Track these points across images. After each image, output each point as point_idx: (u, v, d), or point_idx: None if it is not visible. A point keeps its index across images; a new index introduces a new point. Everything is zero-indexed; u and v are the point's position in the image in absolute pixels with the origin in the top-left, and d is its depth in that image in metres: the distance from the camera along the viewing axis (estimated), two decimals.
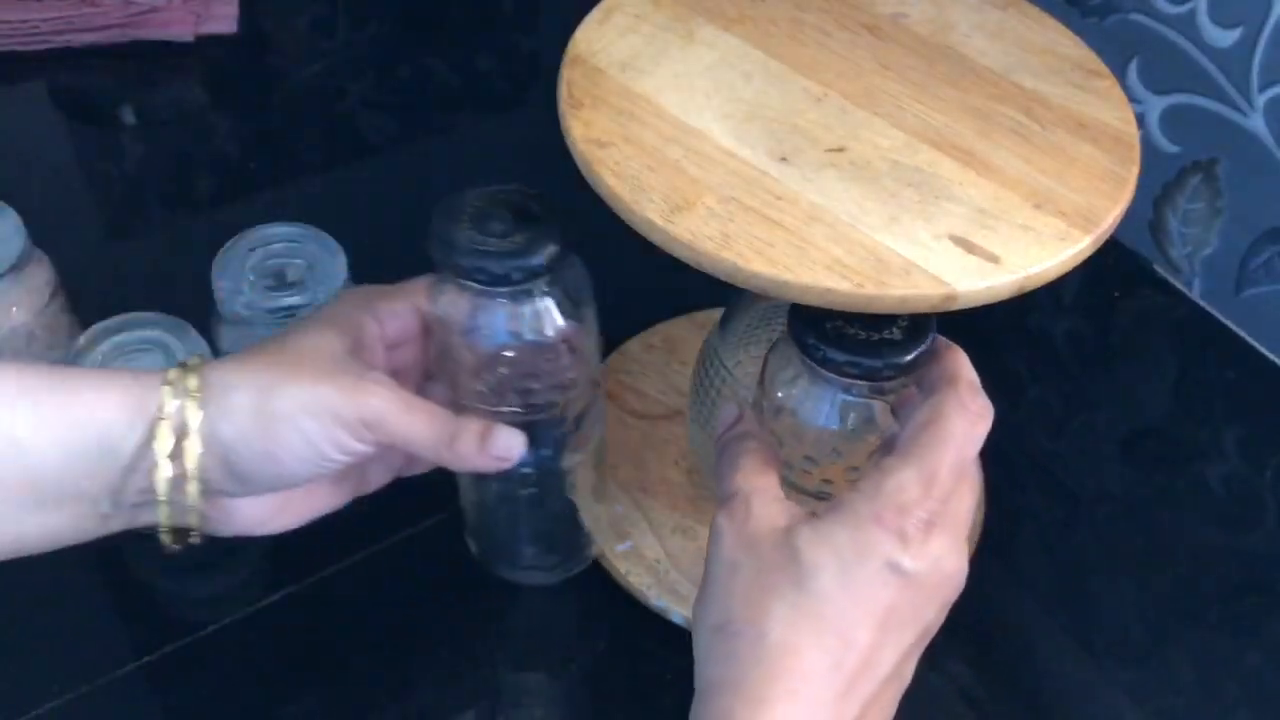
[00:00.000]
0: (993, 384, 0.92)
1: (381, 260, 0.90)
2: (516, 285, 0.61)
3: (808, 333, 0.59)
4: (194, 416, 0.58)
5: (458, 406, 0.65)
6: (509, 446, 0.64)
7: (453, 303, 0.63)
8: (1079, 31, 0.69)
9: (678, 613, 0.76)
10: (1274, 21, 0.85)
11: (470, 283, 0.61)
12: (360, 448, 0.61)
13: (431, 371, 0.69)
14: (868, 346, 0.59)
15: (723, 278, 0.56)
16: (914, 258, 0.55)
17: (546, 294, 0.63)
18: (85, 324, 0.80)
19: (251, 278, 0.80)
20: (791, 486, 0.66)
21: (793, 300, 0.56)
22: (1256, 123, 0.89)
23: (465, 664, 0.76)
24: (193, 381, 0.58)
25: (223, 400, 0.59)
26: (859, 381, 0.60)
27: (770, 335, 0.72)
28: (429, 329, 0.67)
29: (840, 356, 0.59)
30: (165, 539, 0.62)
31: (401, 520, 0.81)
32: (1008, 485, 0.84)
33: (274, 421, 0.59)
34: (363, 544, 0.80)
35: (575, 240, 0.61)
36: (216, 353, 0.80)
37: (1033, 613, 0.80)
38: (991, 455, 0.84)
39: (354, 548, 0.80)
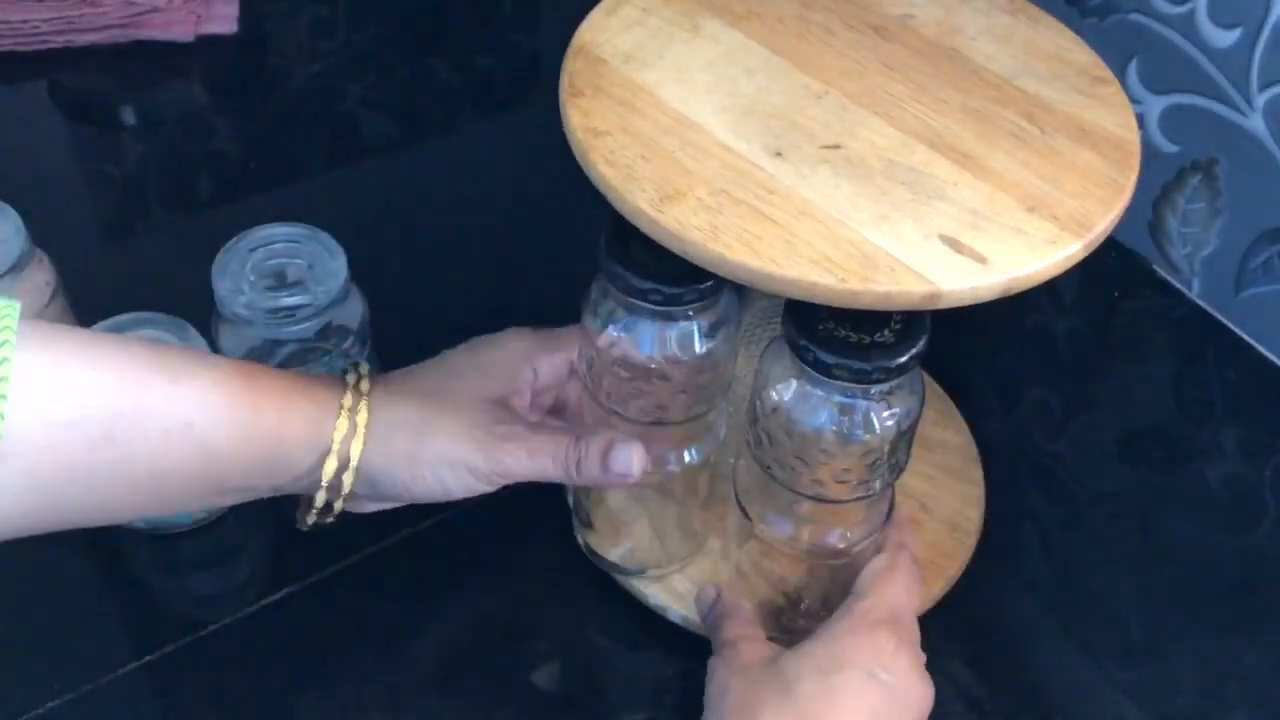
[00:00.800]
0: (993, 384, 0.92)
1: (381, 260, 0.91)
2: (679, 306, 0.63)
3: (799, 334, 0.60)
4: (356, 451, 0.67)
5: (598, 410, 0.70)
6: (628, 463, 0.68)
7: (609, 314, 0.66)
8: (1078, 32, 0.69)
9: (675, 611, 0.76)
10: (1273, 21, 0.85)
11: (641, 302, 0.63)
12: (488, 489, 0.70)
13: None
14: (858, 349, 0.59)
15: (709, 268, 0.57)
16: (901, 255, 0.56)
17: (695, 317, 0.65)
18: (85, 324, 0.80)
19: (251, 278, 0.80)
20: (784, 486, 0.66)
21: (777, 293, 0.56)
22: (1256, 123, 0.88)
23: (464, 663, 0.76)
24: (362, 416, 0.67)
25: (383, 441, 0.68)
26: (848, 384, 0.60)
27: (770, 334, 0.72)
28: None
29: (830, 358, 0.59)
30: (304, 525, 0.71)
31: (401, 520, 0.81)
32: (1008, 485, 0.84)
33: (419, 465, 0.68)
34: (363, 544, 0.80)
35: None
36: (217, 353, 0.80)
37: (1033, 613, 0.80)
38: (991, 455, 0.84)
39: (354, 548, 0.80)
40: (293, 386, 0.67)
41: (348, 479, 0.67)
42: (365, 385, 0.69)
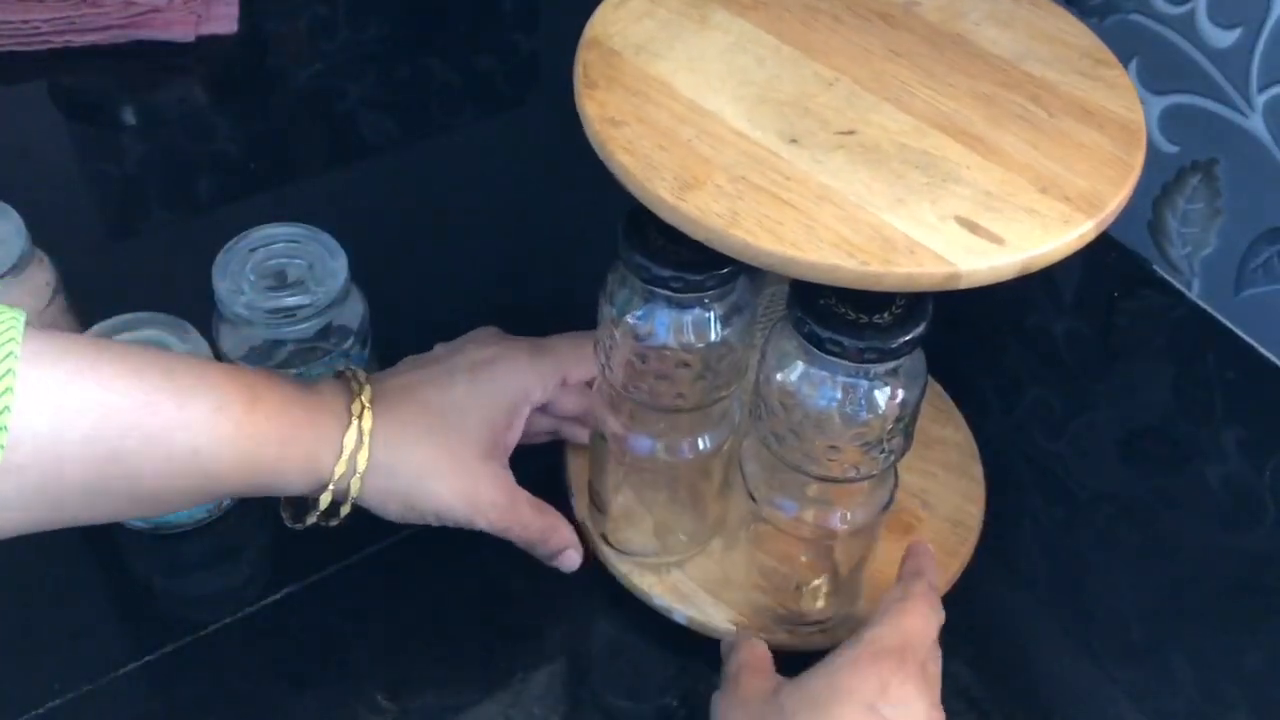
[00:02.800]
0: (993, 384, 0.92)
1: (381, 260, 0.91)
2: (699, 293, 0.64)
3: (799, 306, 0.60)
4: (355, 488, 0.70)
5: (616, 397, 0.71)
6: (569, 563, 0.77)
7: (627, 303, 0.66)
8: None
9: (680, 612, 0.76)
10: (1273, 22, 0.85)
11: (661, 290, 0.64)
12: None
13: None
14: (854, 327, 0.60)
15: (731, 254, 0.57)
16: (919, 237, 0.56)
17: (712, 304, 0.65)
18: (85, 324, 0.80)
19: (252, 278, 0.80)
20: (779, 459, 0.67)
21: (800, 277, 0.57)
22: (1256, 123, 0.89)
23: (465, 663, 0.76)
24: (363, 457, 0.70)
25: (381, 482, 0.71)
26: (843, 362, 0.61)
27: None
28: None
29: (824, 333, 0.60)
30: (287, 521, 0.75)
31: None
32: (1008, 484, 0.84)
33: (409, 510, 0.72)
34: (363, 544, 0.80)
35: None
36: (217, 353, 0.80)
37: (1033, 613, 0.80)
38: (991, 455, 0.84)
39: (354, 548, 0.80)
40: (296, 414, 0.69)
41: (344, 509, 0.72)
42: (368, 421, 0.70)
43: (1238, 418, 0.91)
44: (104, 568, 0.79)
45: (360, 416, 0.70)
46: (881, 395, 0.63)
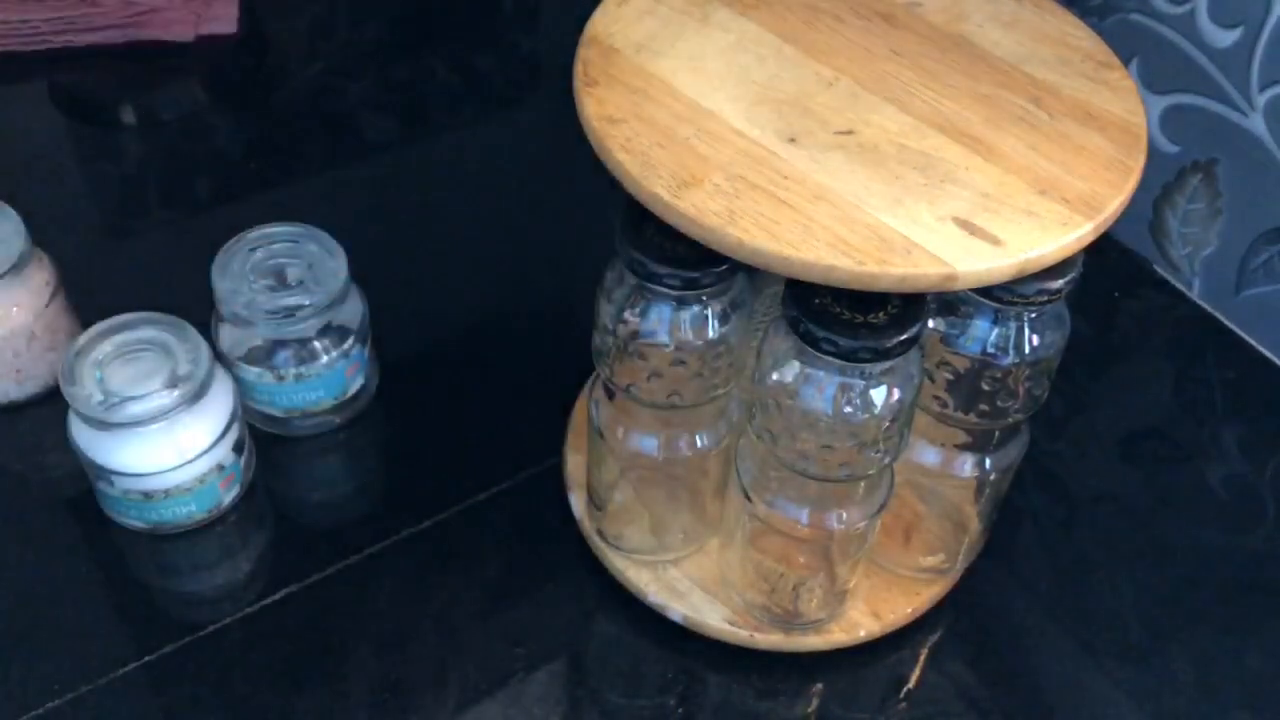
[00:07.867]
0: None
1: (381, 260, 0.91)
2: (696, 290, 0.64)
3: (794, 305, 0.60)
4: None
5: (614, 394, 0.71)
6: None
7: (625, 299, 0.66)
8: None
9: (676, 610, 0.76)
10: (1274, 21, 0.85)
11: (657, 286, 0.64)
12: None
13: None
14: (849, 327, 0.59)
15: (727, 253, 0.57)
16: (916, 238, 0.56)
17: (710, 301, 0.65)
18: (85, 324, 0.80)
19: (251, 278, 0.80)
20: (772, 456, 0.67)
21: (795, 276, 0.57)
22: (1256, 123, 0.89)
23: (464, 663, 0.76)
24: None
25: None
26: (836, 360, 0.61)
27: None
28: None
29: (819, 332, 0.60)
30: None
31: (401, 520, 0.81)
32: (1008, 485, 0.84)
33: None
34: (363, 544, 0.80)
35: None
36: (217, 353, 0.80)
37: (1033, 613, 0.80)
38: None
39: (354, 548, 0.80)
40: None
41: None
42: None
43: (1238, 418, 0.91)
44: (104, 568, 0.79)
45: None
46: (877, 395, 0.63)
